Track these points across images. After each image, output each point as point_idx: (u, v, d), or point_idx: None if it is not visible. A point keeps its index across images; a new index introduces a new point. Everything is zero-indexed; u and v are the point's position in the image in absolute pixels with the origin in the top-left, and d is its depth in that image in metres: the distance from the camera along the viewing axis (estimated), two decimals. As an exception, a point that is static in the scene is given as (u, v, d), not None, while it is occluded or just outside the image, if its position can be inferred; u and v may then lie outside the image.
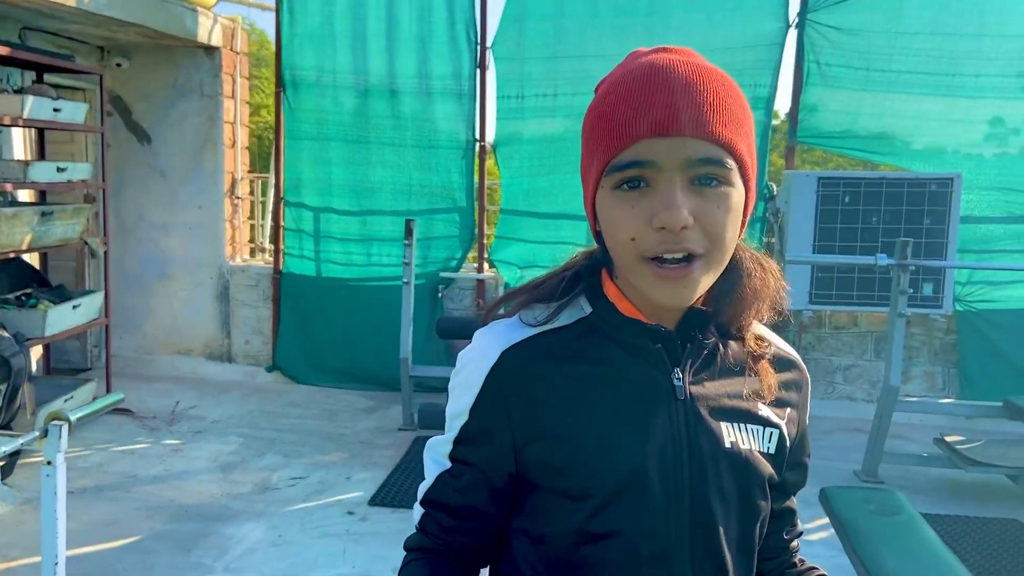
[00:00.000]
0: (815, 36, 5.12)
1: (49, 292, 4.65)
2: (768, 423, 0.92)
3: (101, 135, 4.92)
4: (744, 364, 0.93)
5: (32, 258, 4.93)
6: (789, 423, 0.95)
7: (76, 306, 4.56)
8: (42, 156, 4.81)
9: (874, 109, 5.13)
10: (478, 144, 5.52)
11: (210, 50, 5.82)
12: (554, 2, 5.30)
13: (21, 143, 5.16)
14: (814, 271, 4.90)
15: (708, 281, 0.84)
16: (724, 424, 0.89)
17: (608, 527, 0.86)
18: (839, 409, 5.28)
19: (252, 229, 6.59)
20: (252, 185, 6.50)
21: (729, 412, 0.90)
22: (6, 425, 3.74)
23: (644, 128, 0.80)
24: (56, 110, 4.36)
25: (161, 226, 6.01)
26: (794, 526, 1.05)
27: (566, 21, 5.30)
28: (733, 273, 0.91)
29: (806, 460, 1.02)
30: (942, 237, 4.80)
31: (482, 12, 5.42)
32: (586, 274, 0.94)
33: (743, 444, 0.89)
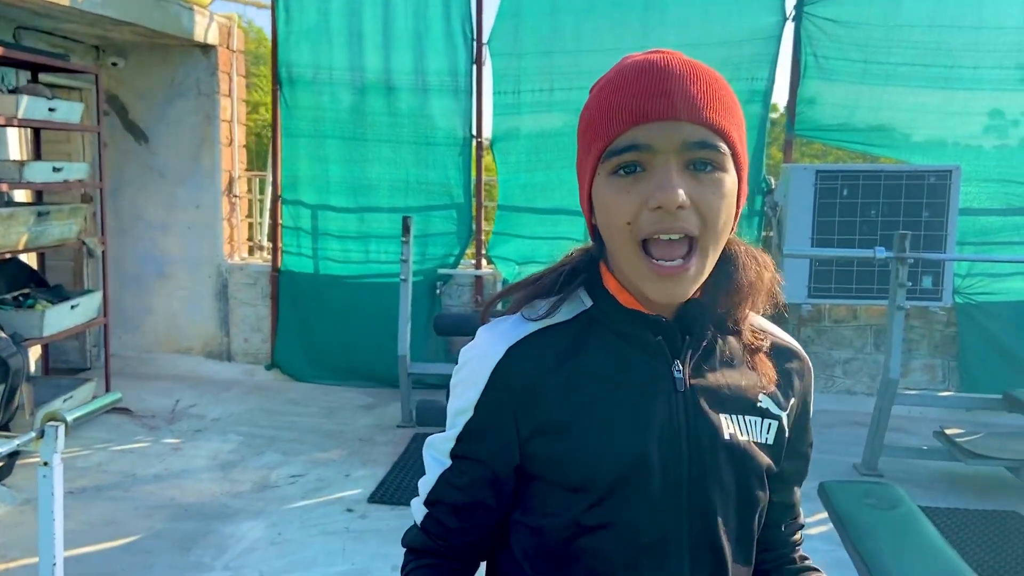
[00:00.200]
0: (812, 29, 5.11)
1: (47, 292, 4.64)
2: (767, 414, 0.93)
3: (98, 135, 4.91)
4: (743, 356, 0.94)
5: (30, 258, 4.93)
6: (790, 413, 0.96)
7: (74, 306, 4.55)
8: (38, 156, 4.80)
9: (872, 102, 5.12)
10: (475, 140, 5.51)
11: (206, 48, 5.81)
12: (550, -3, 5.28)
13: (16, 143, 5.15)
14: (813, 264, 4.89)
15: (702, 274, 0.85)
16: (723, 416, 0.90)
17: (607, 517, 0.86)
18: (838, 402, 5.28)
19: (250, 227, 6.58)
20: (250, 183, 6.49)
21: (728, 404, 0.91)
22: (5, 426, 3.74)
23: (640, 113, 0.81)
24: (51, 110, 4.35)
25: (159, 225, 6.00)
26: (795, 519, 1.05)
27: (562, 16, 5.29)
28: (728, 266, 0.91)
29: (807, 450, 1.02)
30: (941, 229, 4.80)
31: (478, 8, 5.40)
32: (584, 268, 0.95)
33: (742, 436, 0.90)
